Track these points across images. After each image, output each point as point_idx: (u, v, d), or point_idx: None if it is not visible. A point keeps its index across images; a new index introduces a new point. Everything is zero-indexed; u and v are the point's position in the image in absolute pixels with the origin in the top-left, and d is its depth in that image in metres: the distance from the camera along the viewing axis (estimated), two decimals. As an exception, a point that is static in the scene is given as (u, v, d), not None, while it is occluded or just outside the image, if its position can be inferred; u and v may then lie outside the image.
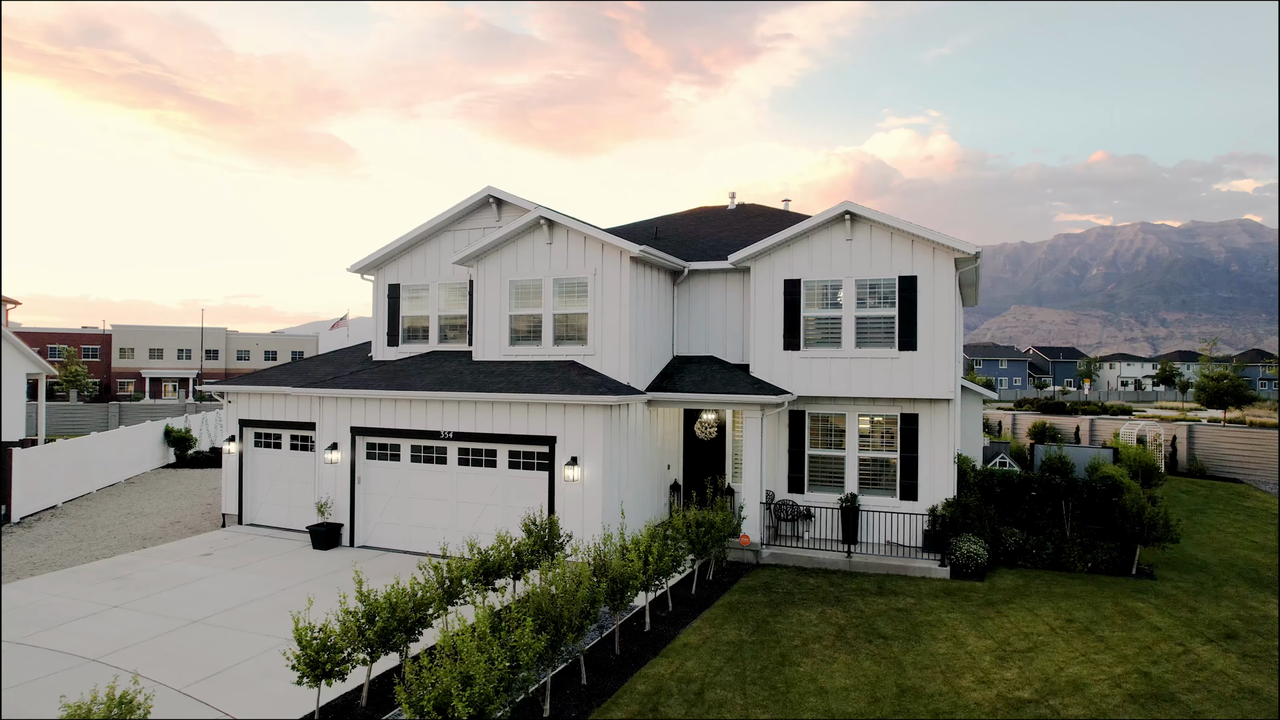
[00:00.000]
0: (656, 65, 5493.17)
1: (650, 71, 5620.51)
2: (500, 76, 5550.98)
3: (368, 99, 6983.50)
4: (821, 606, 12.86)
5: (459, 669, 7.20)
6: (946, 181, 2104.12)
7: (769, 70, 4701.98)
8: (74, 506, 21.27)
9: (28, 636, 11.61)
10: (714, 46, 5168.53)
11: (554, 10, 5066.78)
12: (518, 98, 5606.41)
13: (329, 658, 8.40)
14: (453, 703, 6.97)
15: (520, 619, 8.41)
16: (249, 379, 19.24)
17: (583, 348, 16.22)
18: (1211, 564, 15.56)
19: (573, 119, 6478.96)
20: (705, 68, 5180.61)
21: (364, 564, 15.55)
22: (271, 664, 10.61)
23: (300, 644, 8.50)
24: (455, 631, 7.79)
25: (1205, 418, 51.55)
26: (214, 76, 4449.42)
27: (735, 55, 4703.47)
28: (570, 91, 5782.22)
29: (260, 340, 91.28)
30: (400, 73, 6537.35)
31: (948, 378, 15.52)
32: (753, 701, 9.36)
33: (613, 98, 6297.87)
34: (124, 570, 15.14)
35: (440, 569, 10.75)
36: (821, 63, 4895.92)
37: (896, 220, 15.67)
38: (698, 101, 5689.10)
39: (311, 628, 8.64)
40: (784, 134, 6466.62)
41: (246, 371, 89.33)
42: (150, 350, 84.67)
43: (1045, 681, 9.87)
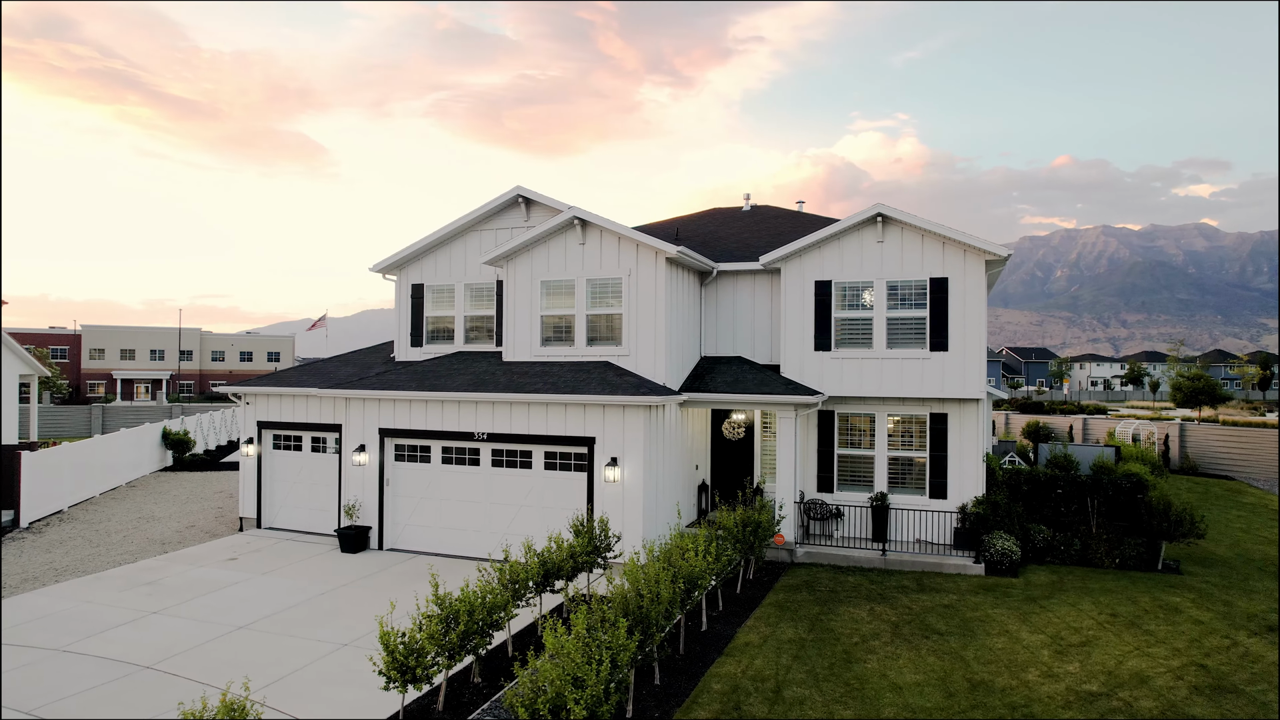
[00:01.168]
0: (629, 66, 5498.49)
1: (623, 72, 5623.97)
2: (472, 76, 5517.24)
3: (338, 97, 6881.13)
4: (869, 604, 13.00)
5: (568, 671, 7.18)
6: (915, 184, 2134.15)
7: (740, 72, 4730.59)
8: (80, 511, 20.75)
9: (71, 644, 11.34)
10: (686, 48, 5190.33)
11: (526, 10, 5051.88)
12: (490, 97, 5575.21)
13: (418, 661, 8.32)
14: (568, 704, 6.96)
15: (612, 619, 8.41)
16: (268, 380, 18.93)
17: (617, 348, 16.22)
18: (1230, 559, 15.99)
19: (545, 119, 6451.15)
20: (677, 69, 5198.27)
21: (396, 567, 15.42)
22: (331, 669, 10.48)
23: (386, 648, 8.42)
24: (560, 634, 7.76)
25: (1179, 416, 52.88)
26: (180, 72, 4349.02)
27: (707, 57, 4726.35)
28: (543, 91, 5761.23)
29: (235, 341, 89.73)
30: (371, 71, 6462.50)
31: (978, 378, 15.78)
32: (830, 698, 9.45)
33: (585, 98, 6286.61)
34: (151, 576, 14.83)
35: (504, 571, 10.68)
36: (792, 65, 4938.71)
37: (928, 222, 15.90)
38: (670, 103, 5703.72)
39: (397, 632, 8.56)
40: (755, 136, 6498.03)
41: (222, 373, 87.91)
42: (122, 351, 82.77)
43: (1109, 675, 10.09)
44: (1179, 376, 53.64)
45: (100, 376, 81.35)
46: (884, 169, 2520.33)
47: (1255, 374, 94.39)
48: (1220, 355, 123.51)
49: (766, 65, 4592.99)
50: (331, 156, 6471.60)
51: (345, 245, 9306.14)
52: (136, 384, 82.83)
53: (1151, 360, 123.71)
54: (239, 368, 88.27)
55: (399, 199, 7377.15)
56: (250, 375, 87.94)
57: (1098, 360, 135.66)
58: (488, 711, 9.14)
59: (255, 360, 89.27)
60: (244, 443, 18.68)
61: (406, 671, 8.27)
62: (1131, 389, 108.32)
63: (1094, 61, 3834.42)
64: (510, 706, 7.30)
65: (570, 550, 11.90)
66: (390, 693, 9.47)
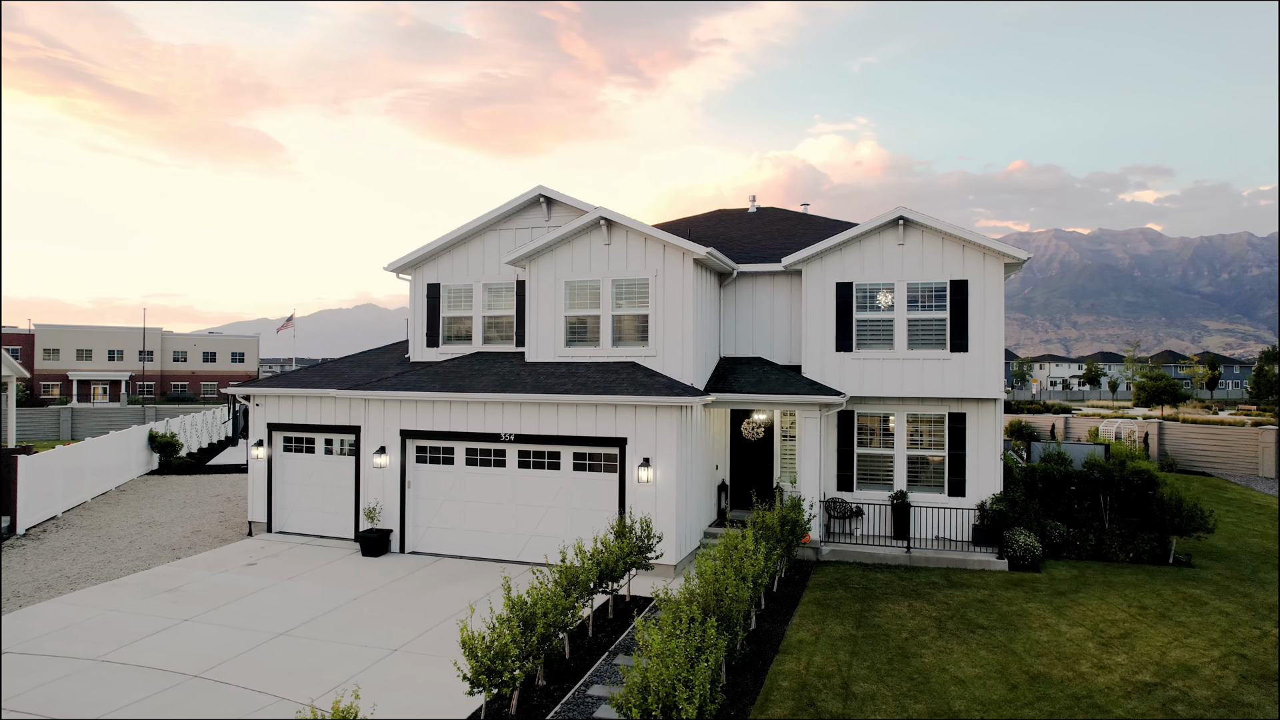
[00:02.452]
0: (592, 66, 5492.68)
1: (586, 73, 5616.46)
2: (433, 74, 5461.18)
3: (296, 94, 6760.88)
4: (906, 600, 13.23)
5: (674, 672, 7.20)
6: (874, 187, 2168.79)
7: (703, 74, 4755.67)
8: (75, 517, 20.08)
9: (108, 654, 11.01)
10: (649, 49, 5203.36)
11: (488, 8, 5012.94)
12: (451, 96, 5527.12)
13: (504, 665, 8.26)
14: (679, 704, 6.98)
15: (699, 619, 8.44)
16: (279, 381, 18.54)
17: (644, 349, 16.24)
18: (1233, 552, 16.59)
19: (507, 118, 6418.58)
20: (641, 70, 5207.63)
21: (422, 570, 15.24)
22: (389, 675, 10.33)
23: (470, 653, 8.34)
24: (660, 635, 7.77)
25: (1140, 414, 54.63)
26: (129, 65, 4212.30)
27: (670, 59, 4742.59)
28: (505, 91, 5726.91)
29: (198, 341, 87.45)
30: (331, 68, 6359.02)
31: (997, 378, 16.14)
32: (899, 693, 9.61)
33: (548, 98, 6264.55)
34: (170, 582, 14.44)
35: (564, 574, 10.63)
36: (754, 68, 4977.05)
37: (949, 225, 16.22)
38: (633, 104, 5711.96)
39: (480, 636, 8.49)
40: (717, 138, 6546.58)
41: (184, 374, 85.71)
42: (78, 351, 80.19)
43: (1157, 665, 10.42)
44: (1143, 377, 55.41)
45: (55, 377, 78.73)
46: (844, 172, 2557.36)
47: (1205, 374, 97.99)
48: (1171, 356, 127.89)
49: (728, 68, 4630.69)
50: (289, 154, 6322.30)
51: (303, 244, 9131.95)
52: (94, 385, 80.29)
53: (1107, 361, 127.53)
54: (202, 368, 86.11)
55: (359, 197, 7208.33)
56: (214, 376, 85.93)
57: (1055, 360, 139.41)
58: (561, 713, 9.11)
59: (219, 361, 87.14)
60: (253, 445, 18.27)
61: (494, 675, 8.19)
62: (1089, 389, 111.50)
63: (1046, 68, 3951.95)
64: (619, 707, 7.29)
65: (620, 551, 11.90)
66: (461, 697, 9.40)
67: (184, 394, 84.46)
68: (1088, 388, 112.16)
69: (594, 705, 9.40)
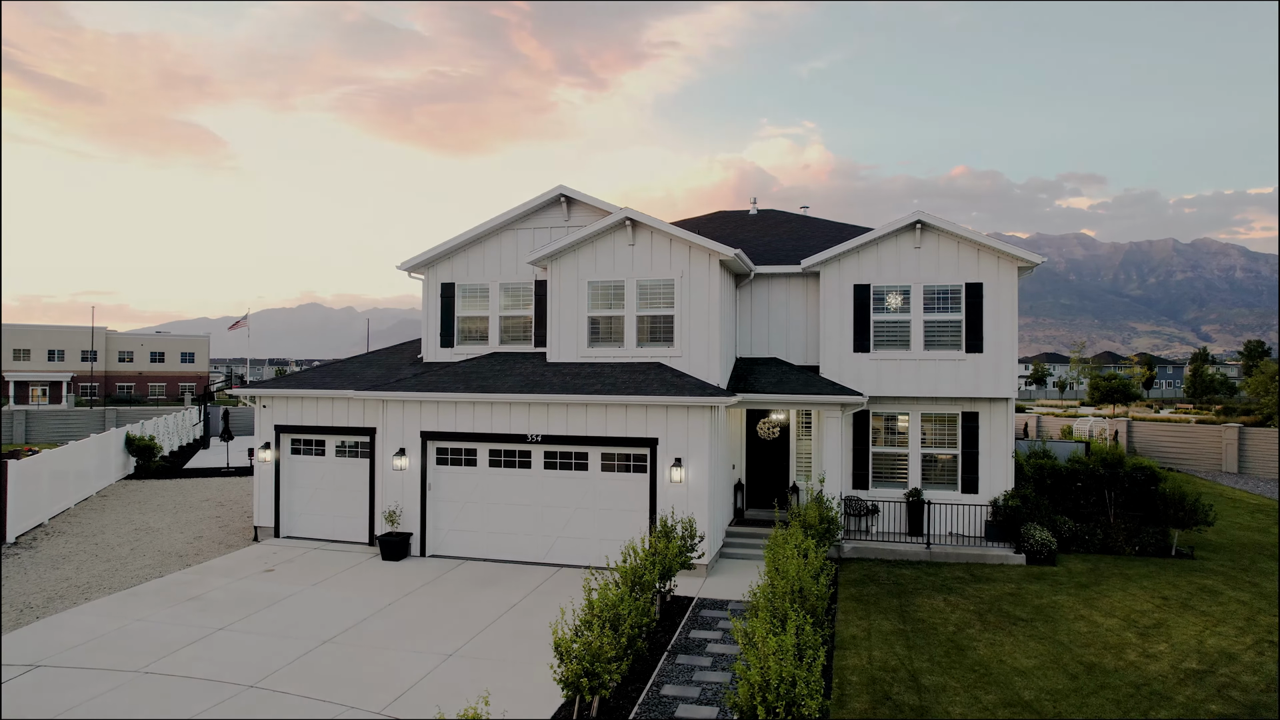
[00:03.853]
0: (543, 66, 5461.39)
1: (536, 72, 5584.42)
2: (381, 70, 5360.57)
3: (237, 87, 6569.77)
4: (940, 595, 13.55)
5: (791, 669, 7.29)
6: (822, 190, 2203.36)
7: (653, 76, 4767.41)
8: (63, 524, 19.22)
9: (149, 665, 10.61)
10: (600, 50, 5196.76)
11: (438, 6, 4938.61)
12: (399, 92, 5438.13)
13: (603, 667, 8.23)
14: (802, 700, 7.07)
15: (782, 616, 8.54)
16: (288, 382, 18.05)
17: (669, 349, 16.29)
18: (1228, 545, 17.39)
19: (456, 116, 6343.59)
20: (592, 71, 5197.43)
21: (450, 574, 15.04)
22: (455, 681, 10.19)
23: (565, 655, 8.29)
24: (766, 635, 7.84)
25: (1090, 413, 56.79)
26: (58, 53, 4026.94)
27: (621, 60, 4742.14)
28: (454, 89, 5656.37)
29: (145, 340, 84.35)
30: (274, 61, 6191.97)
31: (1010, 378, 16.64)
32: (966, 684, 9.86)
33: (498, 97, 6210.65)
34: (190, 590, 13.96)
35: (627, 574, 10.62)
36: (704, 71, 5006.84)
37: (964, 229, 16.66)
38: (584, 104, 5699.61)
39: (574, 640, 8.44)
40: (668, 139, 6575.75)
41: (130, 375, 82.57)
42: (15, 351, 76.56)
43: (1199, 653, 10.90)
44: (1096, 378, 57.63)
45: (-10, 379, 75.03)
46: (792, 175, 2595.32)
47: (1143, 374, 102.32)
48: (1111, 357, 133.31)
49: (679, 70, 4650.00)
50: (230, 149, 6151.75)
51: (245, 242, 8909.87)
52: (32, 387, 76.77)
53: (1051, 361, 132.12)
54: (150, 369, 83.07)
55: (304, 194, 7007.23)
56: (163, 377, 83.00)
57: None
58: (642, 714, 9.11)
59: (168, 361, 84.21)
60: (259, 448, 17.75)
61: (593, 676, 8.16)
62: (1035, 388, 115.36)
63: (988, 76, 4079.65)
64: (736, 706, 7.34)
65: (672, 551, 11.93)
66: (538, 700, 9.33)
67: (131, 395, 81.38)
68: (1034, 387, 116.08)
69: (672, 705, 9.42)
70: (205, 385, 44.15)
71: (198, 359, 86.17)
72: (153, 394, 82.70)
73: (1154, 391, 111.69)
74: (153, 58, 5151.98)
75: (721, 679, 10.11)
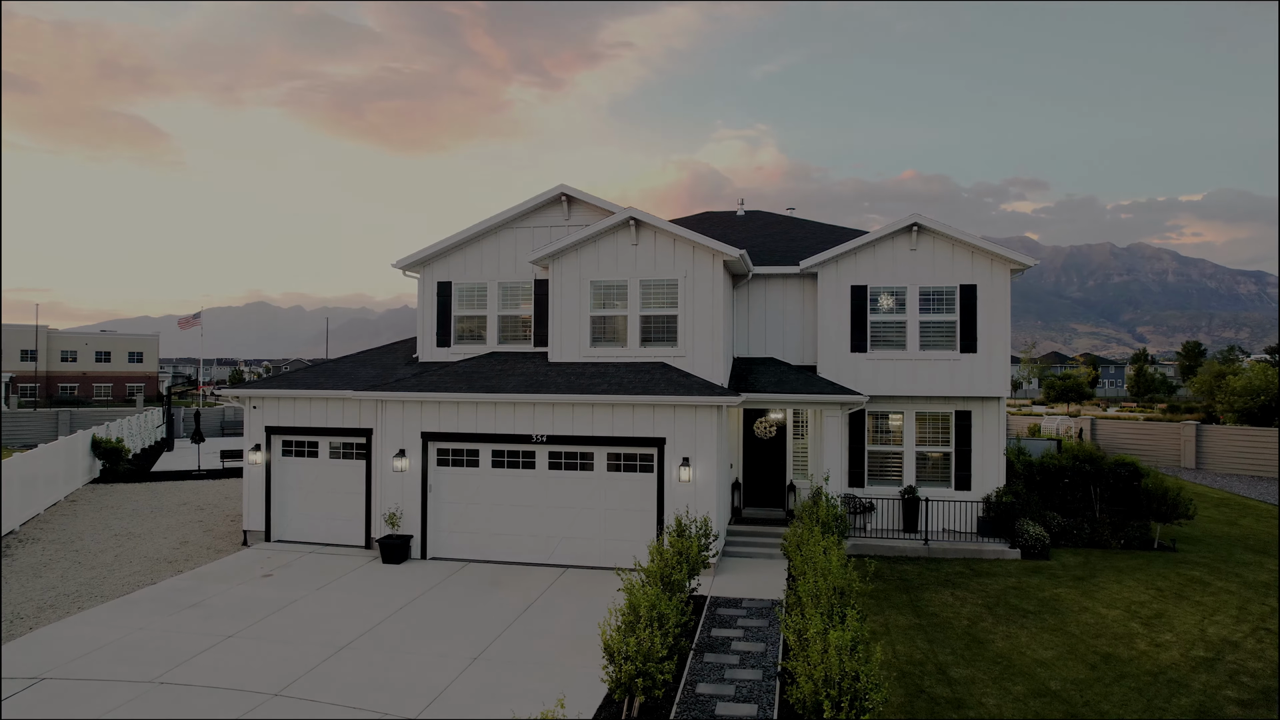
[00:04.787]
0: (497, 64, 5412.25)
1: (491, 70, 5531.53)
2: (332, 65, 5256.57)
3: (182, 80, 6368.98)
4: (947, 589, 13.85)
5: (849, 664, 7.39)
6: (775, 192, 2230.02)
7: (609, 77, 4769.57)
8: (35, 530, 18.43)
9: (164, 675, 10.26)
10: (555, 49, 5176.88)
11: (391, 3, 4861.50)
12: (350, 88, 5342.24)
13: (656, 666, 8.22)
14: (866, 693, 7.17)
15: (826, 612, 8.65)
16: (280, 382, 17.59)
17: (673, 349, 16.32)
18: (1202, 538, 18.11)
19: (409, 113, 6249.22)
20: (547, 70, 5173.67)
21: (456, 576, 14.84)
22: (487, 684, 10.07)
23: (614, 656, 8.27)
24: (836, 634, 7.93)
25: (1044, 411, 58.53)
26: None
27: (576, 60, 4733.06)
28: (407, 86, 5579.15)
29: (90, 340, 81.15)
30: (221, 54, 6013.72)
31: (1003, 377, 17.09)
32: (992, 676, 10.11)
33: (451, 94, 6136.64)
34: (188, 597, 13.52)
35: (653, 575, 10.62)
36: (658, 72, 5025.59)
37: (959, 232, 17.04)
38: (538, 103, 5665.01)
39: (624, 640, 8.41)
40: (622, 140, 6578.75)
41: (73, 375, 79.43)
42: (-52, 350, 73.02)
43: (1203, 642, 11.34)
44: (1052, 377, 59.41)
45: (-78, 379, 71.44)
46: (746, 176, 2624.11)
47: (1089, 374, 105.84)
48: (1058, 358, 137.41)
49: (634, 71, 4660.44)
50: (174, 143, 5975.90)
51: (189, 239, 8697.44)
52: (-33, 388, 73.30)
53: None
54: (95, 369, 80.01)
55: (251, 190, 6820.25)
56: (109, 377, 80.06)
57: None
58: (681, 714, 9.12)
59: (114, 361, 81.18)
60: (250, 449, 17.27)
61: (646, 676, 8.14)
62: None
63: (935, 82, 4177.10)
64: (799, 702, 7.41)
65: (693, 550, 11.96)
66: (575, 702, 9.26)
67: (74, 397, 78.21)
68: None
69: (710, 703, 9.45)
70: (169, 386, 42.79)
71: (146, 359, 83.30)
72: (98, 395, 79.67)
73: (1099, 390, 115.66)
74: (90, 47, 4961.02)
75: (753, 676, 10.18)
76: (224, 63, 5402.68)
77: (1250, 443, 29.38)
